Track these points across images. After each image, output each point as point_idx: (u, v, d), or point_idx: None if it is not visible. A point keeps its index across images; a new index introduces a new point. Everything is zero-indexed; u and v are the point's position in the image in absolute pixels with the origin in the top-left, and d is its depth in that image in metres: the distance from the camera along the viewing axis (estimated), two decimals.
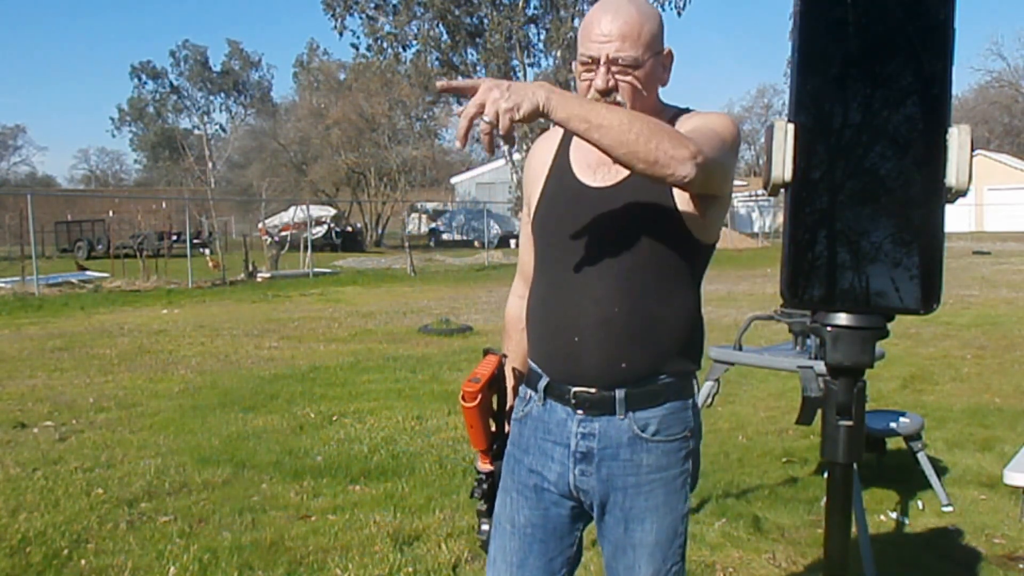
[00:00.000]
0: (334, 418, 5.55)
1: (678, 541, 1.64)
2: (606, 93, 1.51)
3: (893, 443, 4.11)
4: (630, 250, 1.54)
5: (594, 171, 1.59)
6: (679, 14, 25.31)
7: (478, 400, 1.62)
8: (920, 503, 3.80)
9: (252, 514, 3.74)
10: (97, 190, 57.35)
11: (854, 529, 2.78)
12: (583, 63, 1.53)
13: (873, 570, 2.94)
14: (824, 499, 1.19)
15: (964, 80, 57.67)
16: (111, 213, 29.88)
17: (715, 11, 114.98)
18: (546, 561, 1.66)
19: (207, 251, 22.62)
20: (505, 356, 1.75)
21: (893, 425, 3.83)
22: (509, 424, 1.74)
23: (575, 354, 1.56)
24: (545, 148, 1.71)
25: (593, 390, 1.57)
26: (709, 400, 3.55)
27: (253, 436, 5.10)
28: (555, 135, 1.70)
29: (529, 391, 1.68)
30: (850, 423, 1.12)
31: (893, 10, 1.04)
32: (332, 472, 4.32)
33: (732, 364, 3.56)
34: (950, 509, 3.70)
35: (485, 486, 1.75)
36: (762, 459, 4.50)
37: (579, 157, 1.63)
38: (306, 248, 20.44)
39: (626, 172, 1.54)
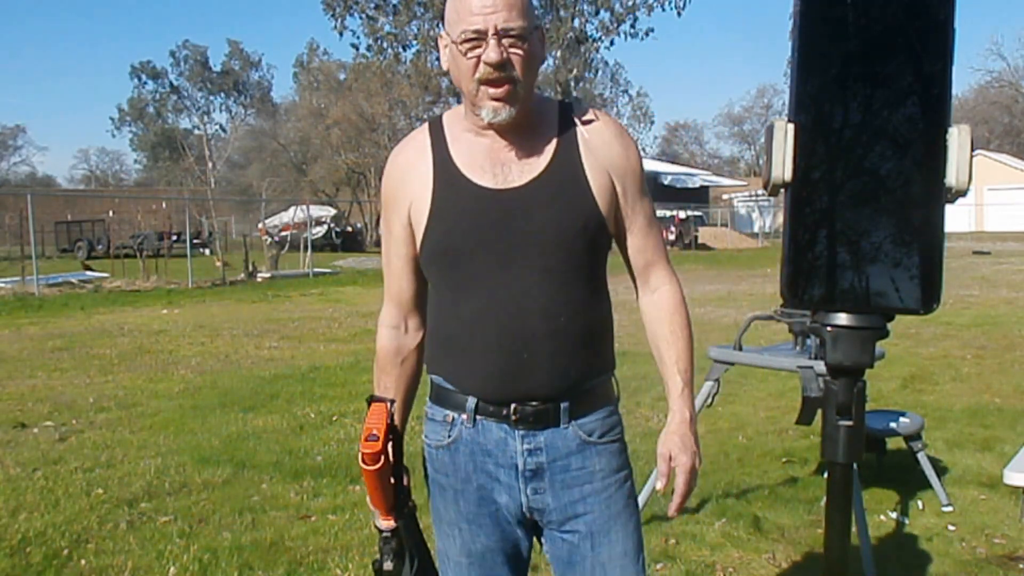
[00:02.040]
0: (334, 418, 5.55)
1: (643, 555, 1.58)
2: (500, 66, 1.38)
3: (893, 443, 4.10)
4: (562, 250, 1.46)
5: (491, 173, 1.47)
6: (679, 14, 25.35)
7: (381, 462, 1.41)
8: (920, 503, 3.80)
9: (252, 514, 3.74)
10: (97, 190, 57.38)
11: (854, 529, 2.78)
12: (467, 40, 1.38)
13: (873, 570, 2.93)
14: (824, 499, 1.19)
15: (964, 80, 57.75)
16: (111, 213, 29.92)
17: (715, 11, 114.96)
18: None
19: (207, 251, 22.60)
20: (393, 401, 1.52)
21: (893, 425, 3.83)
22: (406, 475, 1.59)
23: (522, 371, 1.46)
24: (413, 159, 1.54)
25: (535, 403, 1.48)
26: (709, 400, 3.54)
27: (253, 436, 5.10)
28: (419, 144, 1.55)
29: (450, 413, 1.55)
30: (850, 423, 1.12)
31: (893, 10, 1.04)
32: (332, 472, 4.32)
33: (732, 364, 3.55)
34: (950, 509, 3.70)
35: (393, 543, 1.56)
36: (762, 459, 4.50)
37: (467, 161, 1.49)
38: (306, 248, 20.45)
39: (537, 169, 1.47)
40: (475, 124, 1.49)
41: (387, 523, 1.55)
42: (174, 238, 23.96)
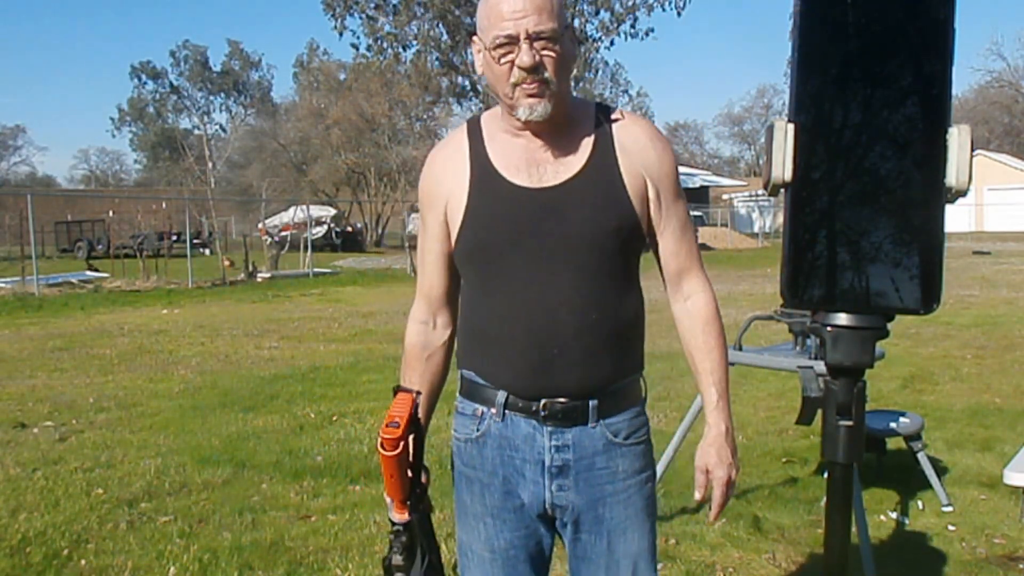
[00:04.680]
0: (334, 418, 5.55)
1: (654, 552, 1.61)
2: (533, 70, 1.40)
3: (893, 443, 4.10)
4: (595, 250, 1.48)
5: (527, 172, 1.50)
6: (679, 14, 25.35)
7: (400, 448, 1.43)
8: (920, 503, 3.80)
9: (252, 514, 3.74)
10: (97, 190, 57.41)
11: (854, 529, 2.78)
12: (499, 46, 1.41)
13: (873, 570, 2.93)
14: (824, 499, 1.19)
15: (964, 80, 57.76)
16: (111, 213, 29.89)
17: (715, 11, 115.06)
18: None
19: (207, 251, 22.57)
20: (419, 393, 1.53)
21: (893, 425, 3.83)
22: (425, 474, 1.62)
23: (551, 367, 1.48)
24: (451, 157, 1.57)
25: (564, 400, 1.50)
26: None
27: (253, 436, 5.10)
28: (457, 143, 1.58)
29: (480, 408, 1.57)
30: (850, 423, 1.12)
31: (893, 10, 1.04)
32: (332, 472, 4.32)
33: (732, 364, 3.53)
34: (950, 509, 3.70)
35: (404, 538, 1.57)
36: (762, 459, 4.49)
37: (503, 161, 1.51)
38: (306, 248, 20.45)
39: (572, 170, 1.49)
40: (512, 125, 1.51)
41: (400, 516, 1.56)
42: (174, 238, 23.97)
